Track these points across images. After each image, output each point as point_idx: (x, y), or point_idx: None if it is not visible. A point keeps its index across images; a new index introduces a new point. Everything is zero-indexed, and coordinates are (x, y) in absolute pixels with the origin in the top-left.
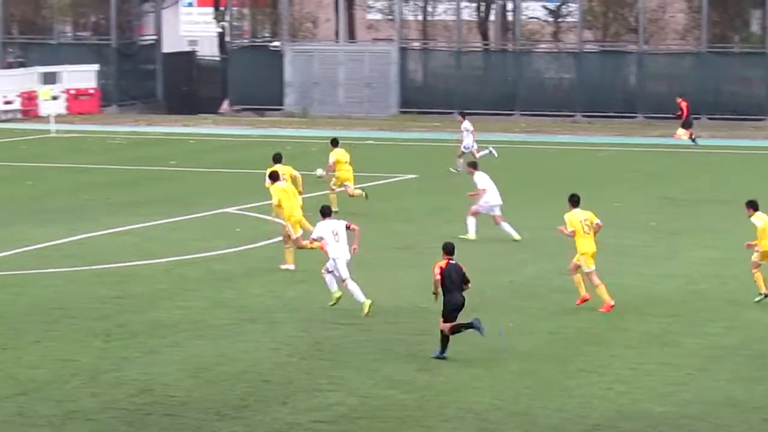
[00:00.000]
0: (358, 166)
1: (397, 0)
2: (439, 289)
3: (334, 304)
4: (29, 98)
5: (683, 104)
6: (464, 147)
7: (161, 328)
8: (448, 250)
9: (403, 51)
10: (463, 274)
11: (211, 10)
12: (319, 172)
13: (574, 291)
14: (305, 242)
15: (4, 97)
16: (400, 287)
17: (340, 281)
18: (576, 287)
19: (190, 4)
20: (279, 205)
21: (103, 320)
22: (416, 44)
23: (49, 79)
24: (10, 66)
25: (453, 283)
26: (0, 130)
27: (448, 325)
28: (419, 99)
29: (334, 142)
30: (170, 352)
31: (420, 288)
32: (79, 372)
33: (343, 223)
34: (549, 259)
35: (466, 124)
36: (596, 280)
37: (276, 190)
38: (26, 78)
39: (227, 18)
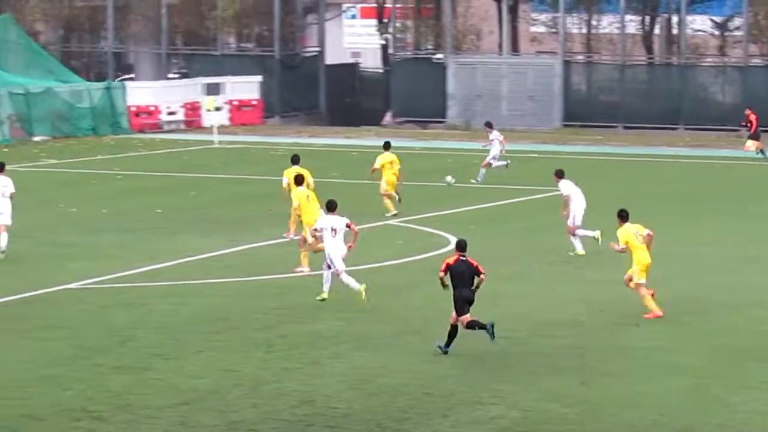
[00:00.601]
0: (522, 179)
1: (561, 13)
2: (448, 284)
3: (321, 301)
4: (192, 109)
5: (752, 117)
6: (492, 157)
7: (322, 339)
8: (460, 246)
9: (567, 64)
10: (474, 268)
11: (374, 22)
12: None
13: (738, 306)
14: (311, 241)
15: (168, 107)
16: (559, 301)
17: (335, 275)
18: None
19: (353, 16)
20: (298, 210)
21: (265, 331)
22: (580, 57)
23: (213, 90)
24: (173, 77)
25: (461, 279)
26: (163, 141)
27: (464, 318)
28: (582, 112)
29: (386, 146)
30: (331, 364)
31: (579, 302)
32: (241, 382)
33: (344, 221)
34: (711, 275)
35: (495, 134)
36: (643, 291)
37: (298, 194)
38: (190, 89)
39: (390, 30)
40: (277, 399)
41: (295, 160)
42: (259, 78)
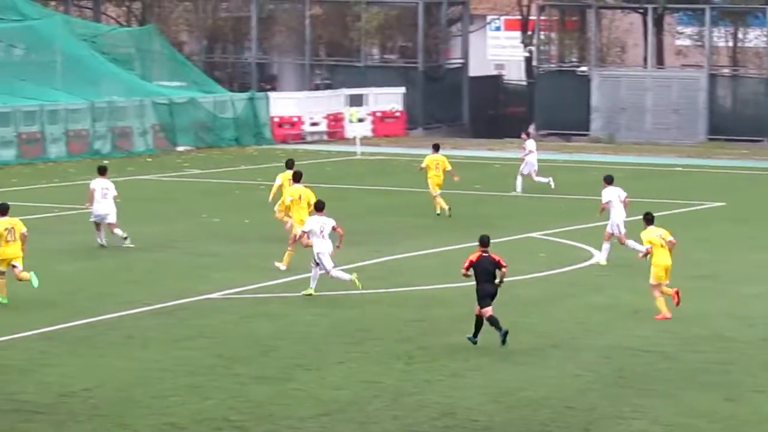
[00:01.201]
0: (666, 193)
1: (707, 26)
2: (470, 276)
3: (307, 296)
4: (335, 120)
5: None
6: (530, 166)
7: (463, 351)
8: (483, 242)
9: (712, 77)
10: (496, 262)
11: (518, 34)
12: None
13: None
14: (304, 239)
15: (311, 118)
16: (703, 316)
17: (325, 274)
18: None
19: (497, 28)
20: (289, 206)
21: (406, 342)
22: (726, 71)
23: (356, 101)
24: (317, 87)
25: (484, 273)
26: (306, 152)
27: (485, 311)
28: (728, 126)
29: (436, 147)
30: (472, 376)
31: (725, 316)
32: (381, 394)
33: (331, 222)
34: None
35: (530, 144)
36: (656, 293)
37: (292, 190)
38: (333, 100)
39: (535, 42)
40: (418, 411)
41: (289, 164)
42: (402, 89)
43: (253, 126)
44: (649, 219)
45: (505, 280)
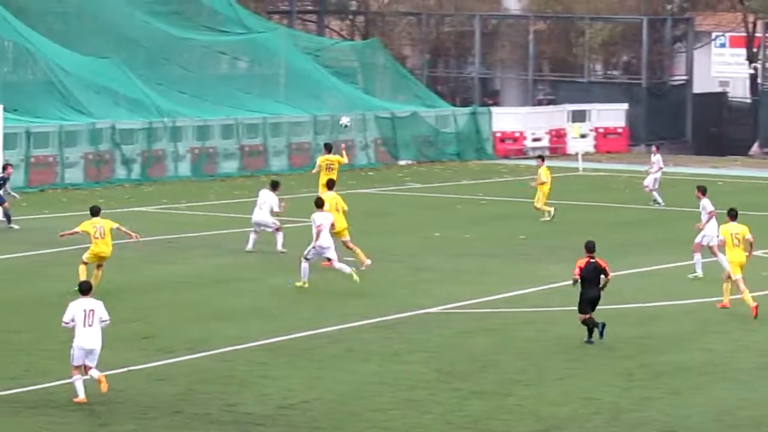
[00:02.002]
0: None
1: None
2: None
3: (300, 287)
4: (558, 136)
5: None
6: (655, 180)
7: (684, 369)
8: (589, 248)
9: None
10: (602, 269)
11: (743, 51)
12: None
13: None
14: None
15: (533, 133)
16: None
17: (322, 260)
18: (722, 293)
19: (722, 45)
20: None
21: (626, 360)
22: None
23: (578, 117)
24: (539, 103)
25: (589, 279)
26: (528, 167)
27: (583, 316)
28: None
29: (541, 159)
30: (692, 395)
31: None
32: (600, 411)
33: (331, 217)
34: None
35: (659, 158)
36: (741, 286)
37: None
38: (556, 115)
39: (760, 59)
40: (637, 428)
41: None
42: (624, 106)
43: (475, 141)
44: (732, 215)
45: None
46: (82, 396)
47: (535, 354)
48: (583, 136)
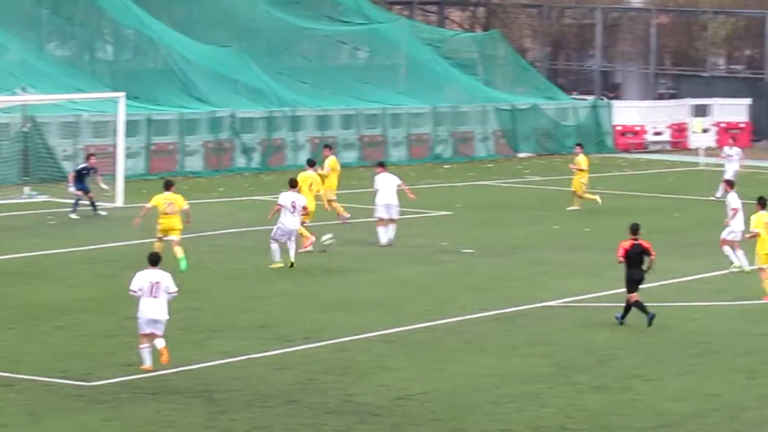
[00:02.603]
0: None
1: None
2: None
3: (275, 268)
4: (679, 130)
5: None
6: (732, 174)
7: None
8: (634, 230)
9: None
10: (645, 250)
11: None
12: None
13: None
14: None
15: (654, 127)
16: None
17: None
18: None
19: None
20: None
21: (748, 356)
22: None
23: (700, 111)
24: (661, 97)
25: (634, 260)
26: (648, 161)
27: (632, 297)
28: None
29: (579, 146)
30: None
31: None
32: (721, 408)
33: (303, 199)
34: None
35: (732, 151)
36: (763, 275)
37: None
38: (677, 110)
39: None
40: (759, 427)
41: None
42: (747, 101)
43: (596, 134)
44: (762, 203)
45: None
46: (147, 364)
47: (654, 349)
48: (705, 131)
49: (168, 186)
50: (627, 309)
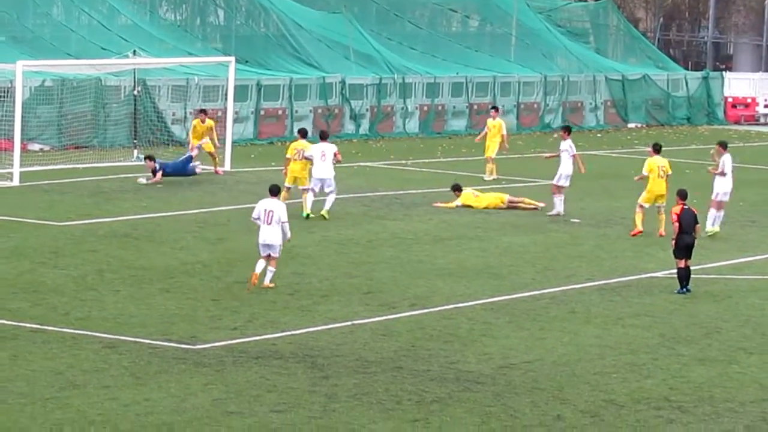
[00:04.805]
0: None
1: None
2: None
3: (306, 218)
4: None
5: None
6: None
7: None
8: (683, 195)
9: None
10: (695, 216)
11: None
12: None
13: None
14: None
15: (766, 99)
16: None
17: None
18: None
19: None
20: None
21: None
22: None
23: None
24: None
25: (685, 225)
26: (759, 133)
27: (683, 262)
28: None
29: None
30: None
31: None
32: None
33: (333, 148)
34: None
35: None
36: (639, 210)
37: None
38: None
39: None
40: None
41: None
42: None
43: (706, 105)
44: (656, 149)
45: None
46: (257, 271)
47: (760, 322)
48: None
49: (304, 134)
50: (681, 276)
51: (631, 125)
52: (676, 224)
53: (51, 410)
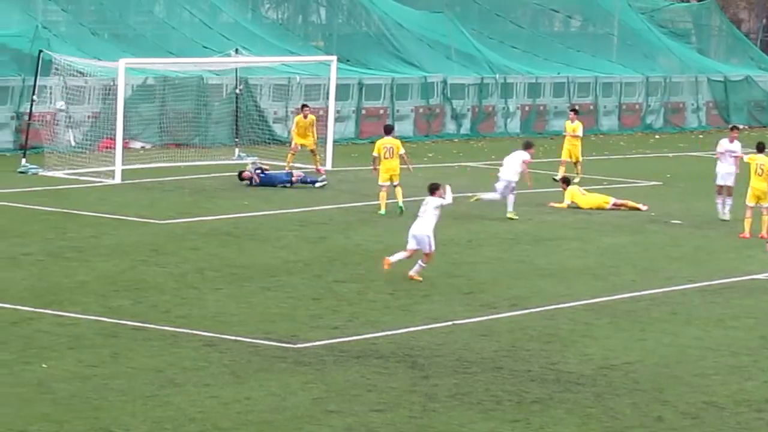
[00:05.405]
0: None
1: None
2: None
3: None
4: None
5: None
6: None
7: None
8: None
9: None
10: None
11: None
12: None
13: None
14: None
15: None
16: None
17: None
18: None
19: None
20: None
21: None
22: None
23: None
24: None
25: None
26: None
27: None
28: None
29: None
30: None
31: None
32: None
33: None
34: None
35: None
36: (747, 213)
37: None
38: None
39: None
40: None
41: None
42: None
43: None
44: (759, 147)
45: None
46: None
47: None
48: None
49: (388, 131)
50: None
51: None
52: None
53: (151, 408)
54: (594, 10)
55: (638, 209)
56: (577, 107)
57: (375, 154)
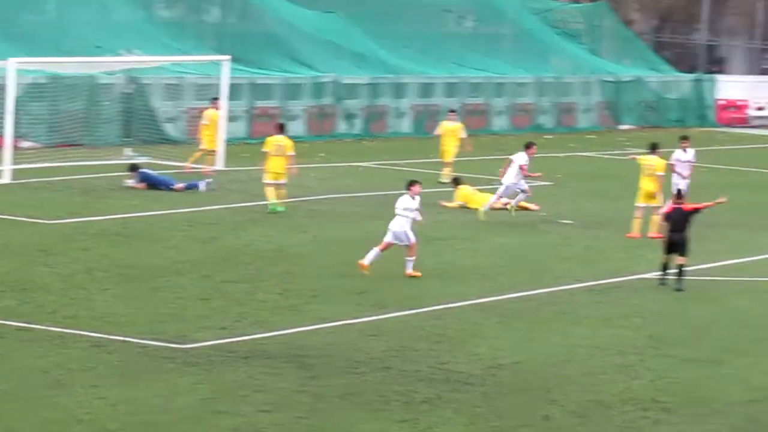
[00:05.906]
0: None
1: None
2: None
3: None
4: None
5: None
6: None
7: None
8: (677, 195)
9: None
10: (687, 213)
11: None
12: None
13: None
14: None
15: (757, 103)
16: None
17: None
18: None
19: None
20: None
21: None
22: None
23: None
24: (765, 72)
25: (674, 224)
26: (751, 136)
27: (677, 259)
28: None
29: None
30: None
31: None
32: None
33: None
34: None
35: None
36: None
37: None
38: None
39: None
40: None
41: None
42: None
43: (697, 108)
44: (651, 147)
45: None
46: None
47: (749, 323)
48: None
49: (279, 129)
50: (678, 273)
51: (623, 127)
52: (664, 223)
53: (38, 409)
54: (487, 10)
55: (529, 209)
56: (454, 109)
57: (264, 150)
